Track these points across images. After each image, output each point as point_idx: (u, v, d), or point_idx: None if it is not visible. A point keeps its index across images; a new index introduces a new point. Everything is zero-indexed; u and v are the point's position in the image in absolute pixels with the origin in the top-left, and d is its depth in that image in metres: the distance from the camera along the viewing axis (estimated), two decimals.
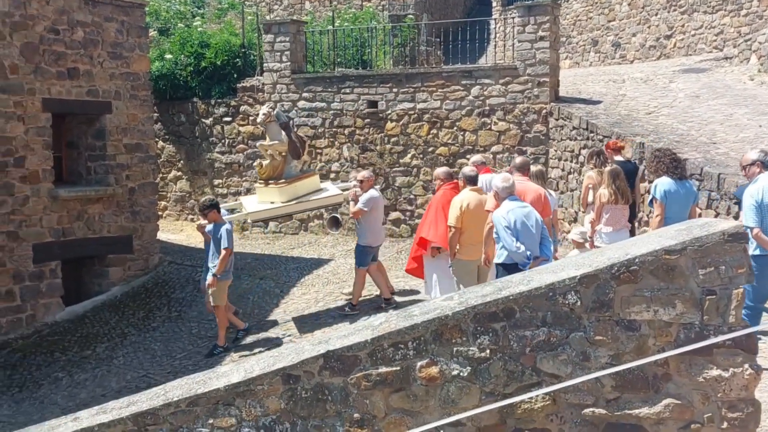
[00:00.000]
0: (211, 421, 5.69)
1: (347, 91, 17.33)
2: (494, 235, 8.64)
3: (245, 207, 12.77)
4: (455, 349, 5.49)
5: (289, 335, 11.87)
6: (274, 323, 12.58)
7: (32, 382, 11.65)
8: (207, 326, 12.81)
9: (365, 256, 12.28)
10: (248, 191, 18.54)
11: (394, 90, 16.91)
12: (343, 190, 13.06)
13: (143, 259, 15.30)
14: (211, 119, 18.76)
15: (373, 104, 17.15)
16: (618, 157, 11.56)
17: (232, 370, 5.88)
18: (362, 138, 17.27)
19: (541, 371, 5.46)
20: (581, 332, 5.41)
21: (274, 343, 11.60)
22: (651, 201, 9.50)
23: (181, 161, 19.24)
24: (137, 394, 6.17)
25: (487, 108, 16.21)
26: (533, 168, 10.72)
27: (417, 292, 12.63)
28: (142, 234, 15.34)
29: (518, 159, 10.34)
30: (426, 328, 5.50)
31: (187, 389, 5.78)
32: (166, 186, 19.29)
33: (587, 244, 9.92)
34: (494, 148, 16.15)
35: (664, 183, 9.24)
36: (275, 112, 12.73)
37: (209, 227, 11.72)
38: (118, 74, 14.83)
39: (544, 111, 15.74)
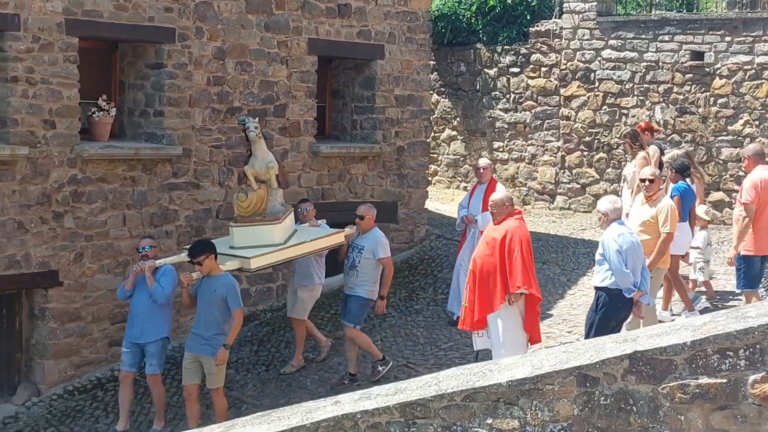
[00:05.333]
0: (489, 420, 5.83)
1: (666, 38, 16.93)
2: (598, 257, 9.69)
3: (236, 252, 11.02)
4: None
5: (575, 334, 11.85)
6: (559, 318, 12.61)
7: (280, 361, 12.41)
8: None
9: (365, 312, 11.63)
10: (533, 157, 18.64)
11: (727, 39, 16.33)
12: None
13: (408, 231, 15.82)
14: (495, 69, 18.98)
15: (697, 56, 16.68)
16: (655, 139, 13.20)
17: (517, 364, 5.99)
18: (681, 97, 16.85)
19: None
20: None
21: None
22: None
23: (457, 119, 19.65)
24: (405, 381, 6.44)
25: None
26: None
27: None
28: (408, 201, 15.84)
29: (752, 146, 11.41)
30: (764, 334, 5.32)
31: (463, 381, 5.95)
32: (438, 147, 19.79)
33: None
34: None
35: None
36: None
37: (195, 279, 10.43)
38: (394, 13, 15.32)
39: None
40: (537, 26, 18.60)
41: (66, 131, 11.88)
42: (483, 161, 13.31)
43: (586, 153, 17.82)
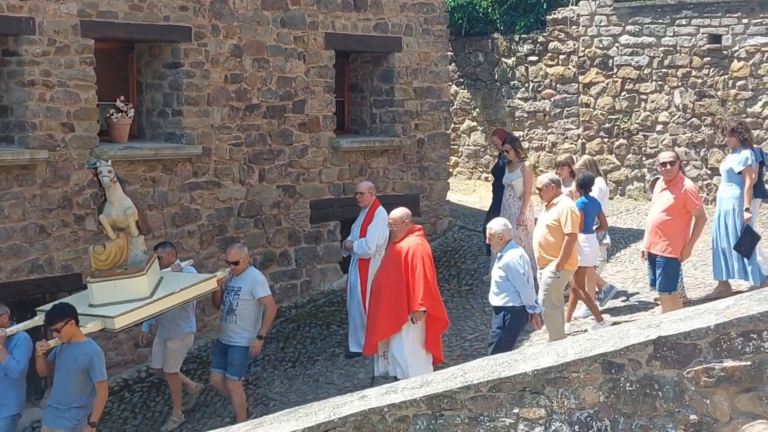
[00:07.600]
0: (516, 410, 5.88)
1: (683, 22, 16.87)
2: (498, 279, 10.10)
3: (97, 310, 9.81)
4: None
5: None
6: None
7: (306, 357, 12.49)
8: None
9: (248, 361, 11.04)
10: (554, 146, 18.63)
11: (744, 21, 16.25)
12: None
13: (431, 223, 15.84)
14: (513, 59, 18.97)
15: (715, 39, 16.60)
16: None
17: (542, 353, 6.03)
18: (699, 81, 16.80)
19: None
20: None
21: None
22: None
23: (477, 109, 19.64)
24: (431, 374, 6.50)
25: None
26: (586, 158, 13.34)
27: None
28: (430, 193, 15.89)
29: (664, 154, 11.14)
30: None
31: (488, 371, 6.00)
32: (458, 138, 19.79)
33: None
34: None
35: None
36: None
37: (53, 346, 9.23)
38: (410, 5, 15.34)
39: None
40: (554, 14, 18.55)
41: (85, 134, 11.97)
42: (362, 185, 12.48)
43: (606, 140, 17.80)
